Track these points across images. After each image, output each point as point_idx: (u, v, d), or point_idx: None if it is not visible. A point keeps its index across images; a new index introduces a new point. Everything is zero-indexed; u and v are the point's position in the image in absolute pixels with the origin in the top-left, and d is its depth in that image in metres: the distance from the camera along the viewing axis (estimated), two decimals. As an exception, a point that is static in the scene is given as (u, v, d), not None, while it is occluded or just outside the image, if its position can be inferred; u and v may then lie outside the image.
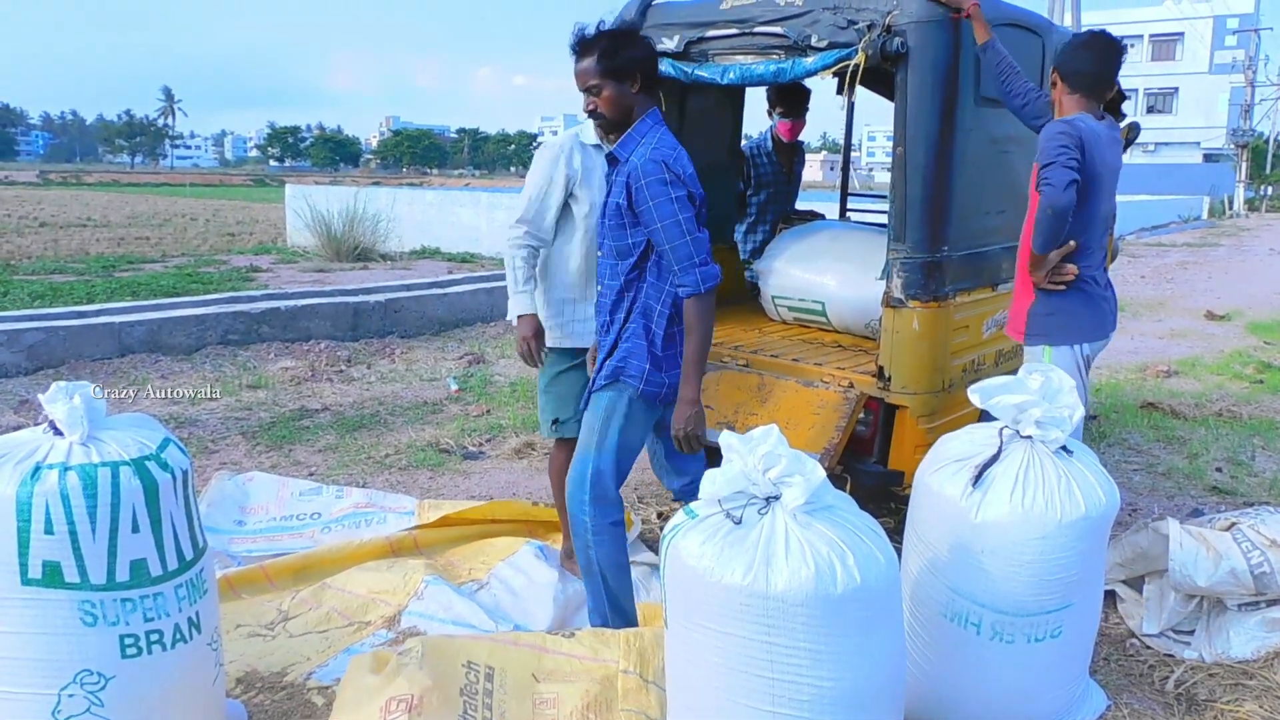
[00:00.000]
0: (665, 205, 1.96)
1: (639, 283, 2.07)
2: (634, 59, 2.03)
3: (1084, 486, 1.83)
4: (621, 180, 2.03)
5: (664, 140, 2.03)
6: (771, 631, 1.48)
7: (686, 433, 2.03)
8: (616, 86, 2.03)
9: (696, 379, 2.03)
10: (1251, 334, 7.38)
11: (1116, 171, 2.44)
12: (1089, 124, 2.34)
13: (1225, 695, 2.14)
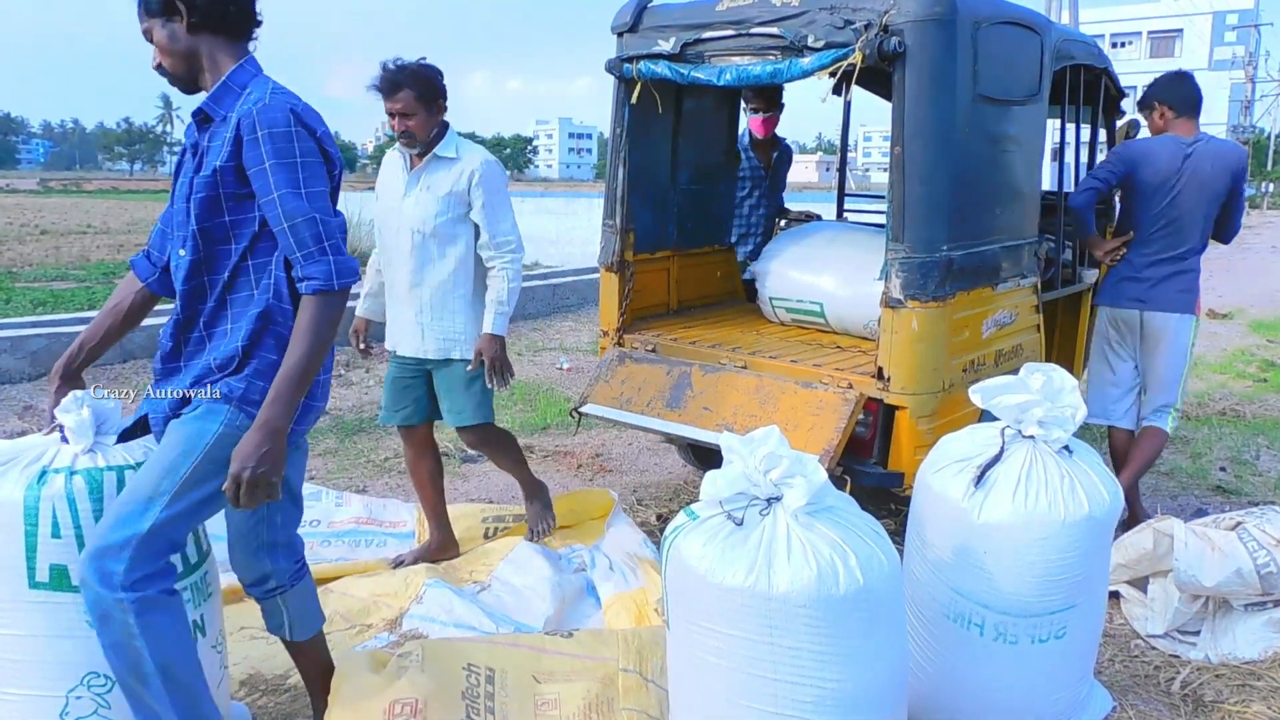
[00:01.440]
0: (287, 168, 1.46)
1: (246, 277, 1.54)
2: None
3: (1087, 486, 1.82)
4: (224, 137, 1.49)
5: (283, 89, 1.54)
6: (774, 632, 1.48)
7: (246, 476, 1.41)
8: (163, 27, 1.52)
9: (290, 402, 1.44)
10: (1254, 332, 7.36)
11: (1180, 182, 3.00)
12: (1151, 146, 3.06)
13: (1232, 696, 2.12)
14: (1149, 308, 3.03)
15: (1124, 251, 3.10)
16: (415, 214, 2.50)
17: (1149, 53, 38.77)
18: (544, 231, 12.70)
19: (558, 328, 7.13)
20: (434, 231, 2.49)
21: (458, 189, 2.50)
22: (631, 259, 3.22)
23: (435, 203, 2.49)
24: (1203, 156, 2.97)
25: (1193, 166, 2.96)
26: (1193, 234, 3.00)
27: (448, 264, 2.52)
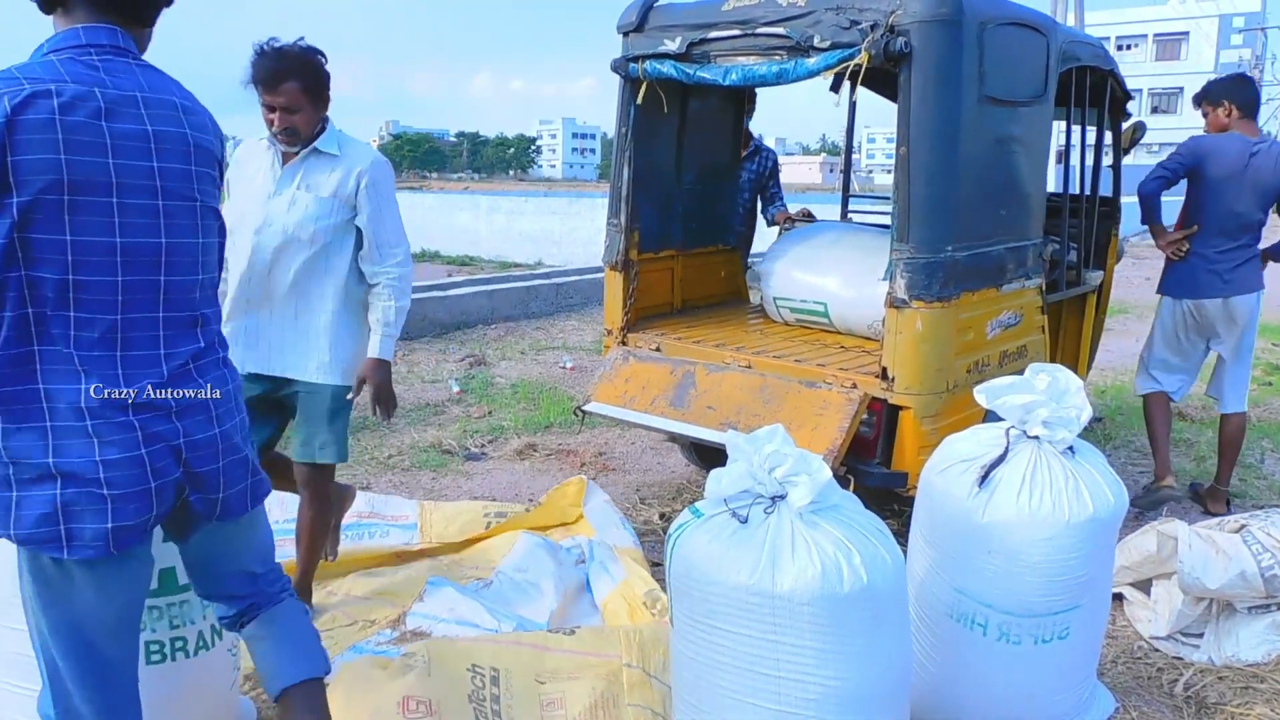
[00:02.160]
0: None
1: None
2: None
3: (1092, 487, 1.82)
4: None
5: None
6: (778, 630, 1.48)
7: None
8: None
9: None
10: (1260, 336, 7.32)
11: (1245, 179, 3.17)
12: (1219, 141, 3.22)
13: (1235, 698, 2.12)
14: (1233, 293, 3.24)
15: (1187, 244, 3.25)
16: (288, 216, 2.11)
17: (1155, 55, 38.65)
18: (548, 231, 12.71)
19: (561, 327, 7.14)
20: (311, 237, 2.11)
21: (343, 192, 2.13)
22: (636, 258, 3.23)
23: (314, 205, 2.12)
24: (1266, 156, 3.16)
25: (1257, 164, 3.15)
26: (1253, 224, 3.24)
27: (321, 274, 2.15)
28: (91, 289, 1.18)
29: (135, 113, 1.21)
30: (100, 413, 1.20)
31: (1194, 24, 37.02)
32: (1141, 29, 38.78)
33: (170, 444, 1.27)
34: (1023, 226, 2.94)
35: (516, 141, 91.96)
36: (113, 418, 1.21)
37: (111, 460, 1.20)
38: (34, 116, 1.11)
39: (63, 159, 1.13)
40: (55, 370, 1.18)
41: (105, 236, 1.18)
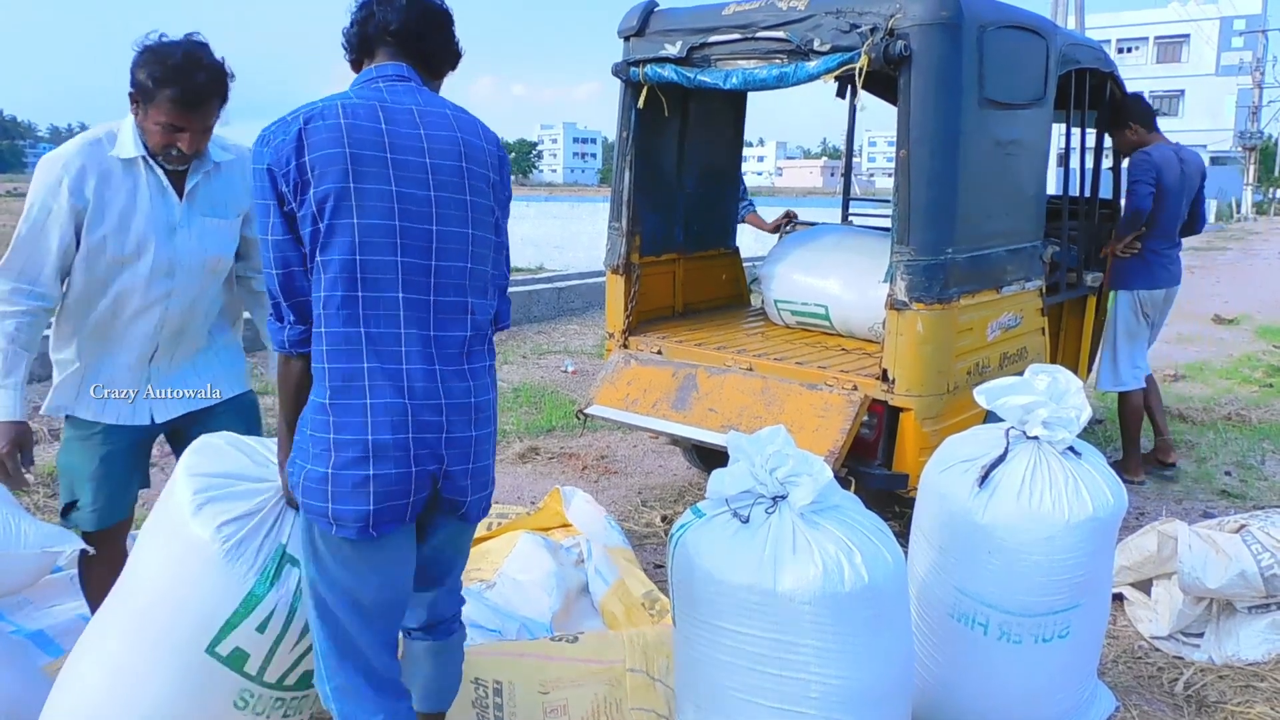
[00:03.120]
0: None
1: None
2: None
3: (1091, 487, 1.83)
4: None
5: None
6: (779, 629, 1.49)
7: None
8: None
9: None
10: (1261, 338, 7.34)
11: (1182, 184, 3.68)
12: (1164, 152, 3.65)
13: (1235, 697, 2.13)
14: (1174, 282, 3.78)
15: (1138, 245, 3.68)
16: (201, 252, 1.78)
17: (1156, 58, 38.64)
18: (549, 235, 12.75)
19: (563, 330, 7.15)
20: (223, 266, 1.84)
21: (245, 206, 1.84)
22: (638, 261, 3.24)
23: (227, 230, 1.82)
24: (1189, 163, 3.70)
25: (1187, 171, 3.66)
26: (1181, 222, 3.79)
27: (227, 290, 1.92)
28: (377, 268, 1.30)
29: (410, 119, 1.36)
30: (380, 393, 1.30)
31: (1195, 26, 37.01)
32: (1142, 31, 38.77)
33: (434, 436, 1.34)
34: (1023, 229, 2.95)
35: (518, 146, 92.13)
36: (391, 399, 1.31)
37: (383, 441, 1.30)
38: (323, 123, 1.30)
39: (347, 152, 1.29)
40: (346, 350, 1.30)
41: (386, 220, 1.31)
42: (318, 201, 1.28)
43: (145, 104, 1.66)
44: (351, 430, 1.29)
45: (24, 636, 2.16)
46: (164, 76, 1.63)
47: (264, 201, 1.31)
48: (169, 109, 1.65)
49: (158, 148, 1.70)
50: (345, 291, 1.29)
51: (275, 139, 1.31)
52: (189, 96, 1.65)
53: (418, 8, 1.43)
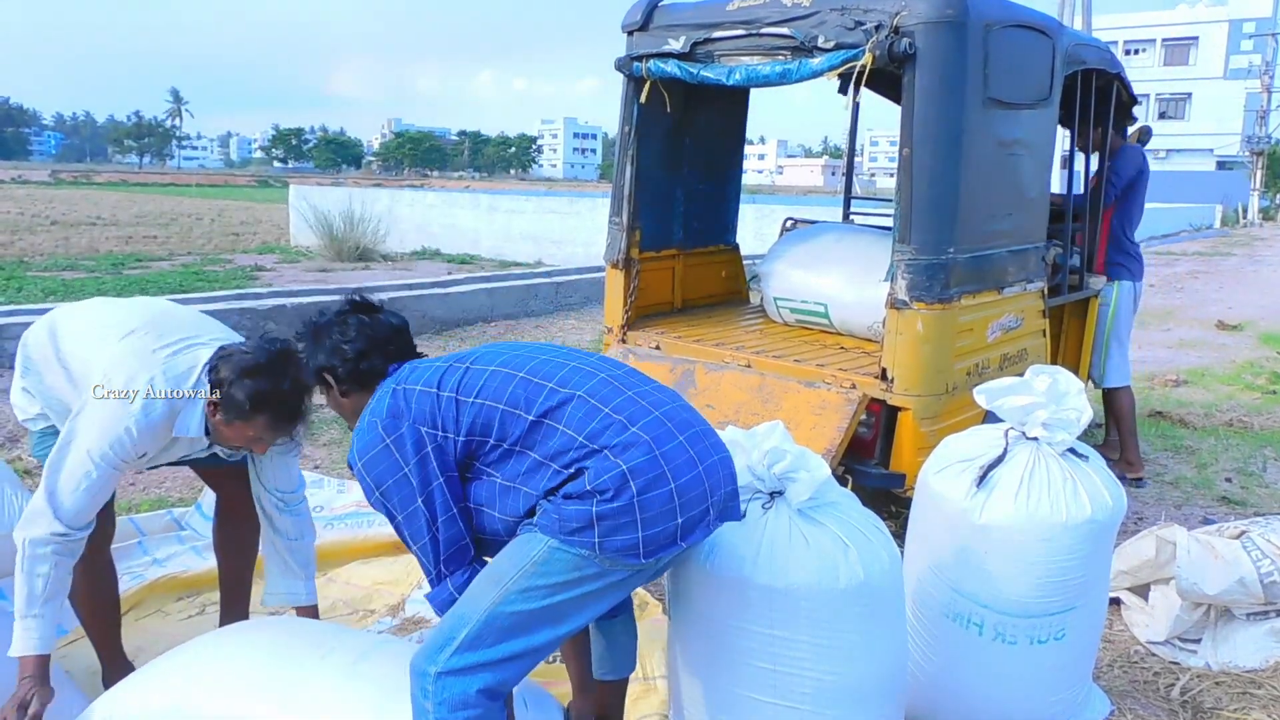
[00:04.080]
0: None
1: None
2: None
3: (1090, 490, 1.82)
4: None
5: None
6: (774, 624, 1.48)
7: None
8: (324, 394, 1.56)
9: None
10: (1264, 345, 7.30)
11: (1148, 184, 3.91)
12: (1139, 150, 3.81)
13: (1232, 704, 2.11)
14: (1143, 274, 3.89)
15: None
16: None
17: (1163, 60, 38.52)
18: (548, 231, 12.71)
19: (560, 325, 7.15)
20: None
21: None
22: (637, 256, 3.23)
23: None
24: (1147, 165, 3.84)
25: (1148, 171, 3.82)
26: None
27: None
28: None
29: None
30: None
31: (1203, 29, 36.87)
32: (1149, 33, 38.64)
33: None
34: (1025, 230, 2.94)
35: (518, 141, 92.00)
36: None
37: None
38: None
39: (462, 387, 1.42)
40: None
41: None
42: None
43: (236, 419, 1.63)
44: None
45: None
46: (273, 408, 1.62)
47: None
48: (266, 432, 1.65)
49: (234, 449, 1.72)
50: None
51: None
52: (288, 424, 1.66)
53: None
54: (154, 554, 2.66)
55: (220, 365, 1.65)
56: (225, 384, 1.62)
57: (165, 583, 2.42)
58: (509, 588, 1.33)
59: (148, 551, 2.68)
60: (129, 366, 1.65)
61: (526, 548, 1.35)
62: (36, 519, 1.60)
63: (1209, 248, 18.02)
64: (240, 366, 1.63)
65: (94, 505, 1.64)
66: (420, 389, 1.41)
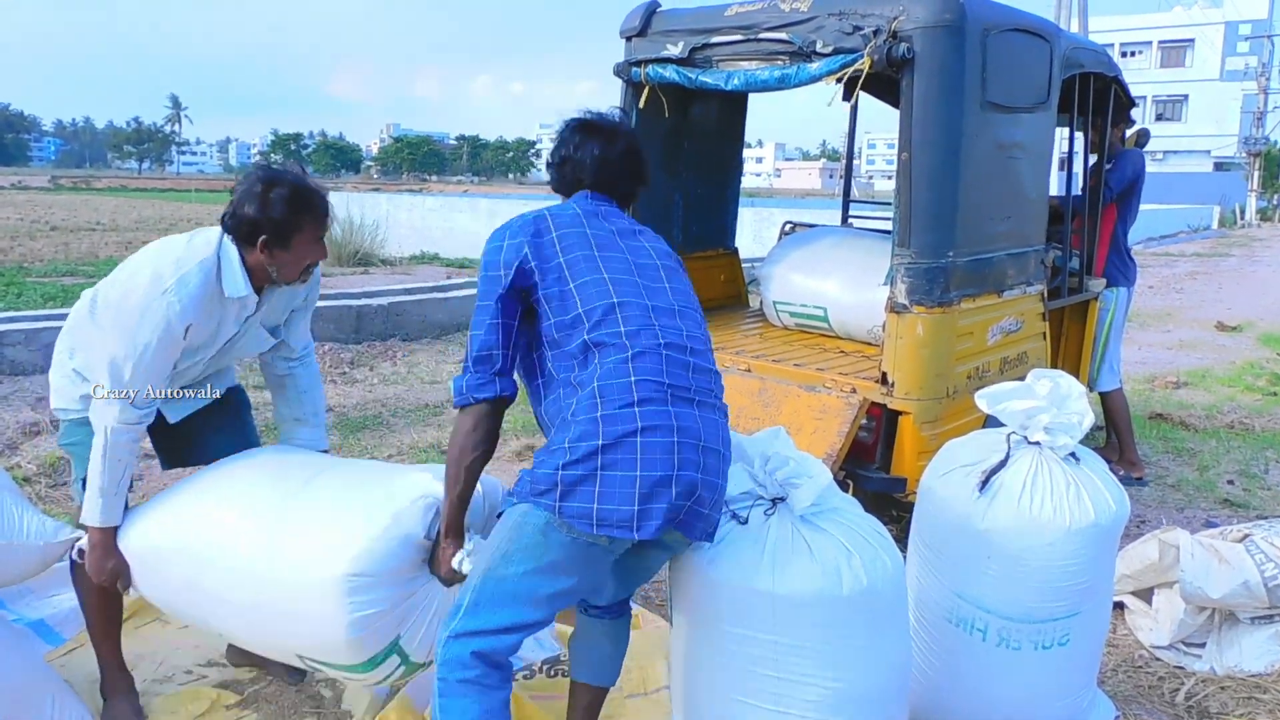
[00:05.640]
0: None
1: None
2: None
3: (1093, 494, 1.81)
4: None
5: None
6: (777, 631, 1.48)
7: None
8: None
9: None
10: (1264, 346, 7.30)
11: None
12: (1142, 155, 3.86)
13: (1237, 709, 2.10)
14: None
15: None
16: (238, 350, 1.92)
17: (1159, 63, 38.60)
18: (549, 234, 12.68)
19: (563, 330, 7.13)
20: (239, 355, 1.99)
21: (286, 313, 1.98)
22: (637, 261, 3.22)
23: (267, 337, 1.94)
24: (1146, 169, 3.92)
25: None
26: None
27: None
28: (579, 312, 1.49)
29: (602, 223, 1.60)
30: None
31: (1199, 31, 36.96)
32: (1146, 36, 38.72)
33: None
34: (1025, 233, 2.93)
35: (516, 145, 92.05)
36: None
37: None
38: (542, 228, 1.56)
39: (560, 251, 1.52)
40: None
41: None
42: (550, 278, 1.58)
43: (287, 238, 1.70)
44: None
45: (25, 626, 2.15)
46: (306, 204, 1.72)
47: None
48: (314, 241, 1.76)
49: (297, 275, 1.78)
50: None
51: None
52: (325, 218, 1.77)
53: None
54: None
55: (235, 211, 1.70)
56: (256, 216, 1.68)
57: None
58: (495, 555, 1.42)
59: None
60: (154, 259, 1.72)
61: (508, 517, 1.45)
62: (107, 409, 1.69)
63: (1207, 248, 18.03)
64: (252, 194, 1.68)
65: (152, 381, 1.72)
66: (554, 236, 1.53)
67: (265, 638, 1.73)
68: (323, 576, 1.54)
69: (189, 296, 1.67)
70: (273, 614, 1.63)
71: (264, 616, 1.65)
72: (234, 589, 1.66)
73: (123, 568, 1.77)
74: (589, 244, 1.54)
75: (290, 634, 1.64)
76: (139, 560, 1.77)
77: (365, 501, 1.64)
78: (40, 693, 1.76)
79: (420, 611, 1.62)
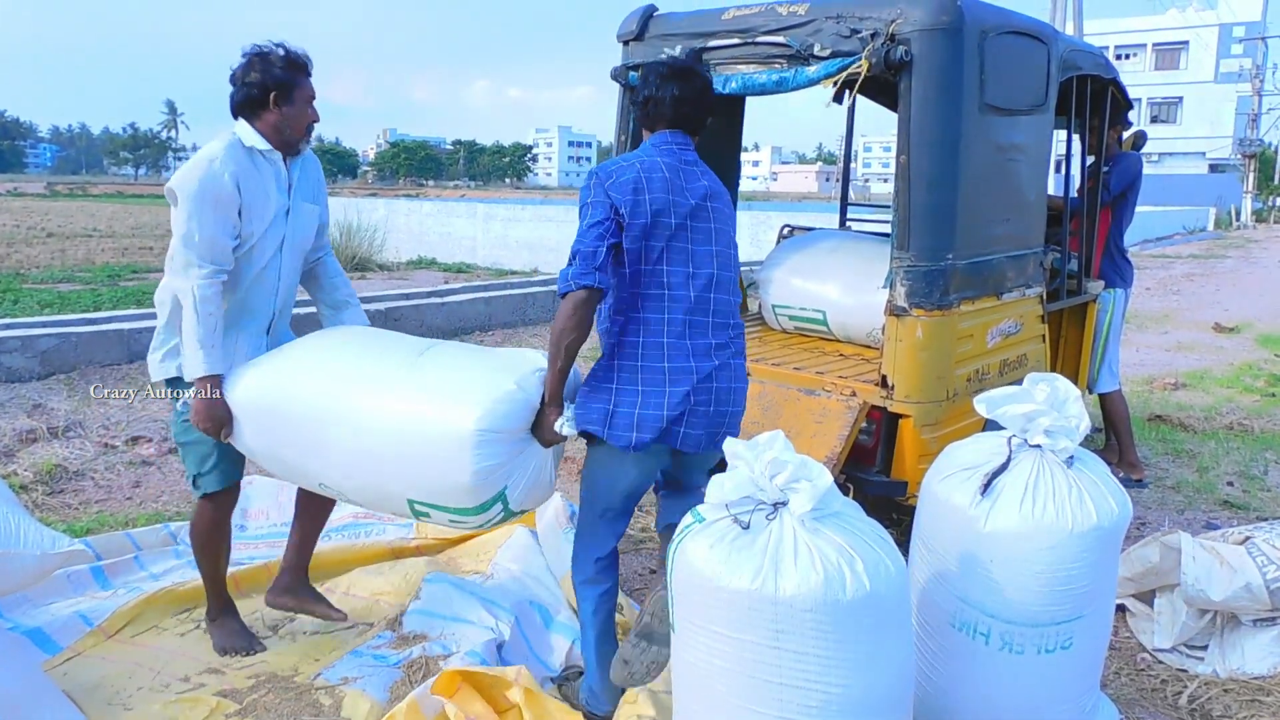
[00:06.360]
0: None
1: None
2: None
3: (1095, 496, 1.80)
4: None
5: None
6: (780, 636, 1.47)
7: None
8: None
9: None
10: (1262, 347, 7.32)
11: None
12: (1140, 159, 3.90)
13: (1241, 711, 2.10)
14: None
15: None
16: (301, 230, 2.12)
17: (1154, 65, 38.76)
18: (543, 239, 12.71)
19: (561, 334, 7.13)
20: (308, 244, 2.19)
21: (322, 195, 2.22)
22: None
23: (314, 214, 2.16)
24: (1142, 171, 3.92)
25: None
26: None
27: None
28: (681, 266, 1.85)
29: (689, 172, 1.91)
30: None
31: (1194, 33, 37.12)
32: (1140, 38, 38.89)
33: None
34: (1023, 235, 2.93)
35: (512, 149, 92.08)
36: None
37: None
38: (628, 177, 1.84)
39: (646, 198, 1.82)
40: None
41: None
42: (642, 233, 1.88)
43: (290, 91, 2.02)
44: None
45: (22, 634, 2.14)
46: (300, 65, 2.04)
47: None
48: (311, 105, 2.05)
49: (304, 129, 2.05)
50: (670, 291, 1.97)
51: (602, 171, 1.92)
52: (308, 65, 2.06)
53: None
54: (150, 568, 2.65)
55: (244, 82, 2.01)
56: (262, 79, 2.00)
57: (162, 596, 2.40)
58: (583, 475, 1.90)
59: (144, 566, 2.66)
60: (194, 159, 2.01)
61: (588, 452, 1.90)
62: (186, 269, 1.94)
63: (1204, 250, 18.08)
64: (255, 65, 2.00)
65: (222, 242, 1.96)
66: (647, 198, 1.82)
67: (380, 486, 1.89)
68: (456, 430, 1.75)
69: (226, 156, 1.97)
70: (396, 464, 1.82)
71: (384, 467, 1.83)
72: (355, 443, 1.84)
73: (228, 418, 1.96)
74: (672, 213, 1.83)
75: (410, 482, 1.83)
76: (245, 414, 1.94)
77: (488, 369, 1.87)
78: (37, 701, 1.75)
79: (523, 468, 1.85)
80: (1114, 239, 3.79)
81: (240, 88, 2.02)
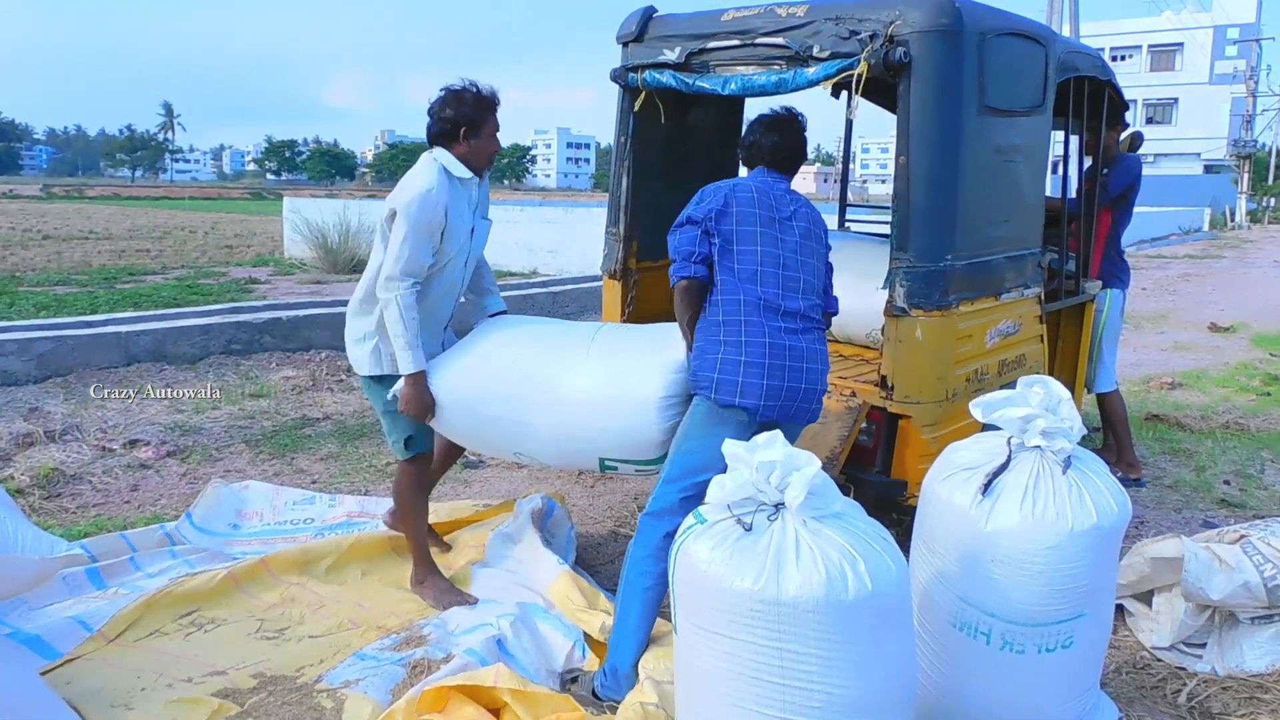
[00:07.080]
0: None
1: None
2: None
3: (1095, 496, 1.81)
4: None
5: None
6: (782, 637, 1.47)
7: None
8: None
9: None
10: (1257, 346, 7.35)
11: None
12: (1140, 161, 3.94)
13: (1239, 709, 2.11)
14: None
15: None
16: (480, 245, 2.53)
17: (1149, 66, 38.90)
18: (542, 240, 12.71)
19: (559, 335, 7.13)
20: (479, 256, 2.59)
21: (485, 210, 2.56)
22: (635, 267, 3.22)
23: (489, 228, 2.55)
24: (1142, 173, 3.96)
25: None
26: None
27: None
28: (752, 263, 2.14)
29: (780, 196, 2.20)
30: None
31: (1189, 35, 37.26)
32: (1136, 40, 39.03)
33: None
34: (1022, 236, 2.94)
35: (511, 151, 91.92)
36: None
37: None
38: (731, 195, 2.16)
39: (734, 212, 2.14)
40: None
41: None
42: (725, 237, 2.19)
43: (479, 127, 2.36)
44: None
45: (20, 640, 2.14)
46: (488, 104, 2.38)
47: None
48: (495, 124, 2.40)
49: (488, 159, 2.40)
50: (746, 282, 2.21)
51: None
52: (496, 100, 2.41)
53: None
54: (146, 569, 2.64)
55: (440, 118, 2.35)
56: (455, 115, 2.34)
57: (163, 598, 2.40)
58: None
59: (140, 567, 2.66)
60: (409, 181, 2.33)
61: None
62: (390, 282, 2.27)
63: (1199, 250, 18.14)
64: (449, 102, 2.34)
65: (425, 261, 2.30)
66: (734, 211, 2.13)
67: (575, 448, 2.25)
68: (645, 395, 2.14)
69: (439, 185, 2.30)
70: (590, 429, 2.19)
71: (579, 432, 2.21)
72: (554, 419, 2.21)
73: (432, 405, 2.32)
74: (755, 221, 2.12)
75: (602, 443, 2.20)
76: (452, 401, 2.29)
77: (655, 344, 2.25)
78: (35, 707, 1.74)
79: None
80: (1113, 240, 3.81)
81: (436, 122, 2.35)
